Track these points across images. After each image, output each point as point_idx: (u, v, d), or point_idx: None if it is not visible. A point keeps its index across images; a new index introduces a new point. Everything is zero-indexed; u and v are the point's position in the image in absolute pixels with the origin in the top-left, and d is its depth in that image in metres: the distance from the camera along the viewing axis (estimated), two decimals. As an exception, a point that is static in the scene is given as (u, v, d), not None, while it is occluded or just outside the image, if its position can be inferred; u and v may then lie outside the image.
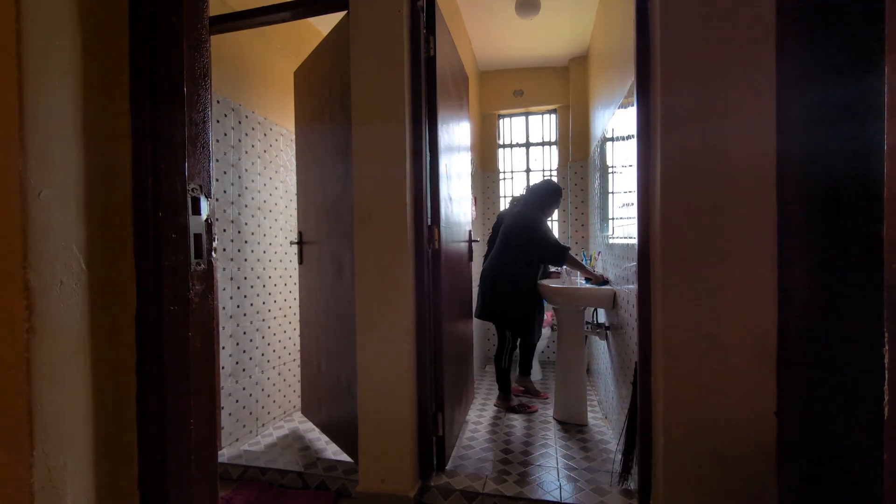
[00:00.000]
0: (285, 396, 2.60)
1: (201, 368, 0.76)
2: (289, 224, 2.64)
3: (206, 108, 0.77)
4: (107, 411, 0.66)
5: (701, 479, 1.31)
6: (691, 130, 1.30)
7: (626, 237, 2.05)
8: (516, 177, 4.22)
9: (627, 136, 1.99)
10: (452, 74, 2.19)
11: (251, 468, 1.89)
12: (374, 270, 1.66)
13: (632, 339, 1.76)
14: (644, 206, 1.42)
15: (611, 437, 2.29)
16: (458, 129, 2.32)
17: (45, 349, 0.57)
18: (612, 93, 2.45)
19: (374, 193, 1.65)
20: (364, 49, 1.65)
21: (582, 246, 3.86)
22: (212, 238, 0.79)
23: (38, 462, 0.56)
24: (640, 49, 1.40)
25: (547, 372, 3.59)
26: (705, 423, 1.31)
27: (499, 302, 2.67)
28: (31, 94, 0.56)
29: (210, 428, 0.78)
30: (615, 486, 1.72)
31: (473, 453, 2.15)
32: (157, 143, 0.71)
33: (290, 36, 2.63)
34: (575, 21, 3.20)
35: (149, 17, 0.71)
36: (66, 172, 0.61)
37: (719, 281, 1.29)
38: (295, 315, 2.67)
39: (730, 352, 1.29)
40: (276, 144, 2.53)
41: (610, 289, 2.30)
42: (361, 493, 1.66)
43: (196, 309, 0.74)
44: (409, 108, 1.65)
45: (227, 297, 2.13)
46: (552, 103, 4.01)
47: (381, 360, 1.66)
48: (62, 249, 0.60)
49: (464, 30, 3.23)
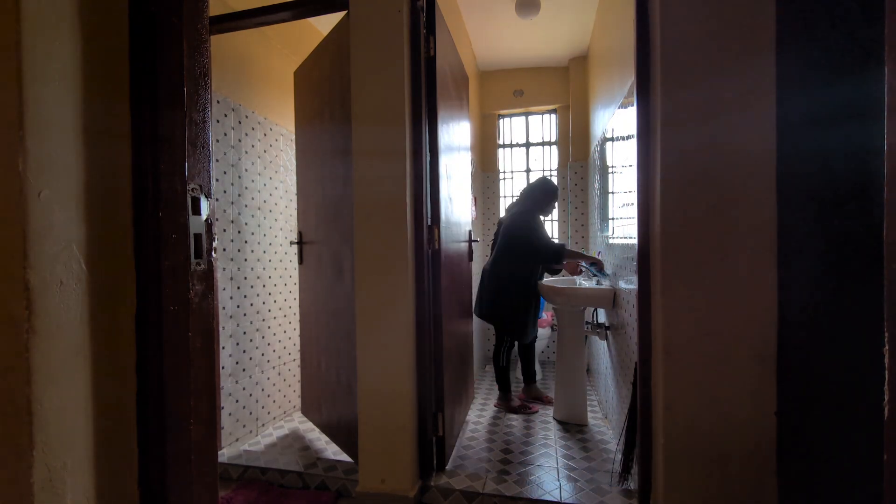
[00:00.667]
0: (285, 396, 2.60)
1: (201, 368, 0.76)
2: (289, 224, 2.64)
3: (206, 108, 0.77)
4: (107, 411, 0.66)
5: (701, 479, 1.31)
6: (691, 130, 1.30)
7: (626, 237, 2.05)
8: (516, 177, 4.22)
9: (627, 136, 1.99)
10: (452, 74, 2.19)
11: (251, 468, 1.89)
12: (374, 270, 1.66)
13: (632, 339, 1.76)
14: (644, 205, 1.42)
15: (611, 437, 2.29)
16: (458, 129, 2.32)
17: (45, 349, 0.57)
18: (612, 93, 2.45)
19: (374, 193, 1.65)
20: (364, 49, 1.65)
21: (582, 246, 3.86)
22: (212, 238, 0.79)
23: (38, 462, 0.56)
24: (640, 49, 1.40)
25: (547, 372, 3.59)
26: (705, 422, 1.31)
27: (492, 301, 2.70)
28: (31, 94, 0.56)
29: (210, 428, 0.78)
30: (615, 486, 1.72)
31: (473, 453, 2.15)
32: (157, 143, 0.71)
33: (290, 36, 2.63)
34: (575, 21, 3.20)
35: (149, 17, 0.71)
36: (66, 172, 0.61)
37: (719, 281, 1.29)
38: (295, 315, 2.67)
39: (730, 352, 1.29)
40: (276, 144, 2.53)
41: (610, 289, 2.30)
42: (361, 493, 1.66)
43: (196, 309, 0.74)
44: (409, 108, 1.65)
45: (227, 297, 2.13)
46: (552, 103, 4.01)
47: (381, 360, 1.66)
48: (62, 249, 0.60)
49: (464, 30, 3.23)
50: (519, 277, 2.64)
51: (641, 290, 1.42)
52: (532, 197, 2.72)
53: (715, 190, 1.29)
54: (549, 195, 2.70)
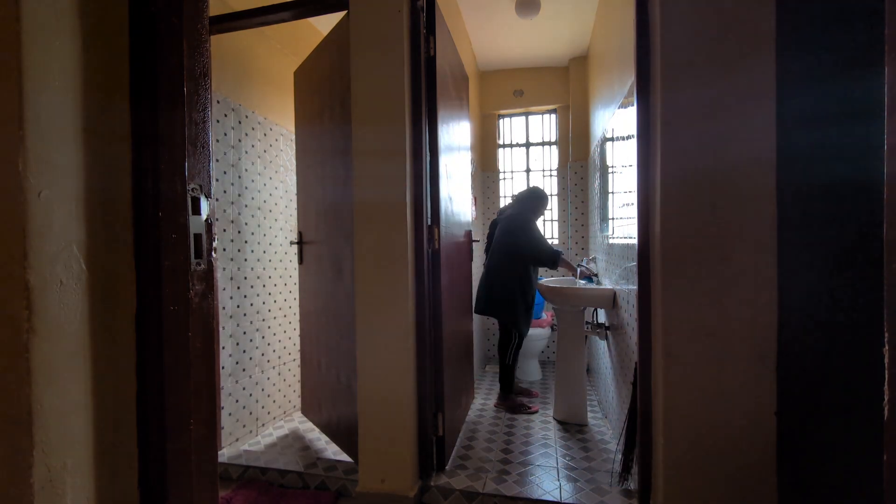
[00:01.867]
0: (285, 396, 2.60)
1: (201, 368, 0.76)
2: (289, 224, 2.64)
3: (206, 108, 0.77)
4: (107, 411, 0.66)
5: (701, 479, 1.31)
6: (691, 130, 1.30)
7: (626, 237, 2.05)
8: (516, 177, 4.22)
9: (627, 136, 1.99)
10: (452, 74, 2.19)
11: (251, 468, 1.89)
12: (374, 270, 1.66)
13: (632, 339, 1.76)
14: (644, 205, 1.42)
15: (611, 437, 2.29)
16: (458, 128, 2.32)
17: (45, 349, 0.57)
18: (612, 93, 2.45)
19: (374, 193, 1.65)
20: (364, 49, 1.65)
21: (582, 246, 3.86)
22: (212, 238, 0.78)
23: (38, 462, 0.56)
24: (640, 49, 1.40)
25: (547, 372, 3.59)
26: (705, 422, 1.31)
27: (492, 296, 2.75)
28: (31, 94, 0.56)
29: (210, 428, 0.78)
30: (615, 486, 1.72)
31: (473, 453, 2.15)
32: (157, 143, 0.71)
33: (290, 36, 2.63)
34: (575, 21, 3.20)
35: (149, 17, 0.71)
36: (66, 172, 0.61)
37: (719, 281, 1.29)
38: (295, 315, 2.67)
39: (730, 351, 1.29)
40: (276, 144, 2.53)
41: (610, 289, 2.30)
42: (361, 493, 1.66)
43: (196, 309, 0.74)
44: (409, 108, 1.65)
45: (227, 297, 2.13)
46: (552, 103, 4.01)
47: (381, 360, 1.66)
48: (62, 249, 0.60)
49: (464, 30, 3.22)
50: (518, 272, 2.70)
51: (641, 290, 1.42)
52: (527, 201, 2.87)
53: (715, 190, 1.29)
54: (540, 201, 2.87)
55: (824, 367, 1.08)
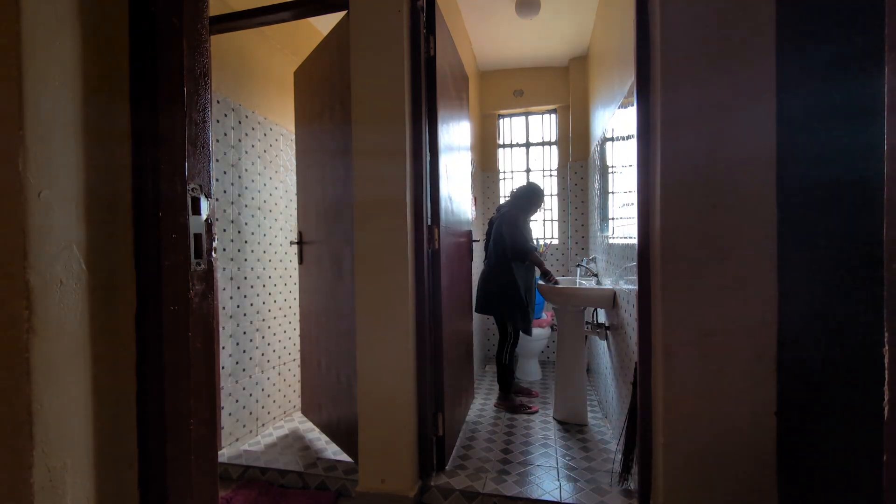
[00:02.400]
0: (285, 396, 2.60)
1: (201, 368, 0.76)
2: (289, 224, 2.64)
3: (206, 108, 0.77)
4: (107, 411, 0.66)
5: (701, 479, 1.31)
6: (691, 130, 1.30)
7: (626, 237, 2.05)
8: (516, 177, 4.22)
9: (627, 136, 1.99)
10: (452, 74, 2.19)
11: (251, 468, 1.89)
12: (374, 270, 1.66)
13: (632, 339, 1.76)
14: (644, 205, 1.42)
15: (611, 437, 2.29)
16: (458, 128, 2.32)
17: (45, 349, 0.57)
18: (612, 93, 2.45)
19: (374, 193, 1.65)
20: (364, 49, 1.65)
21: (582, 245, 3.86)
22: (212, 238, 0.78)
23: (38, 462, 0.56)
24: (640, 49, 1.40)
25: (547, 372, 3.59)
26: (705, 422, 1.31)
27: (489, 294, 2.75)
28: (31, 94, 0.56)
29: (210, 428, 0.78)
30: (615, 486, 1.72)
31: (473, 453, 2.15)
32: (157, 143, 0.71)
33: (290, 36, 2.63)
34: (575, 21, 3.20)
35: (149, 17, 0.71)
36: (66, 172, 0.61)
37: (719, 281, 1.29)
38: (295, 315, 2.67)
39: (730, 351, 1.29)
40: (276, 144, 2.53)
41: (610, 289, 2.30)
42: (361, 493, 1.66)
43: (196, 309, 0.74)
44: (409, 108, 1.65)
45: (227, 297, 2.13)
46: (552, 103, 4.01)
47: (381, 360, 1.66)
48: (62, 249, 0.60)
49: (464, 30, 3.22)
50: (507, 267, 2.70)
51: (641, 290, 1.42)
52: (521, 198, 2.84)
53: (715, 190, 1.29)
54: (536, 196, 2.84)
55: (824, 367, 1.08)
